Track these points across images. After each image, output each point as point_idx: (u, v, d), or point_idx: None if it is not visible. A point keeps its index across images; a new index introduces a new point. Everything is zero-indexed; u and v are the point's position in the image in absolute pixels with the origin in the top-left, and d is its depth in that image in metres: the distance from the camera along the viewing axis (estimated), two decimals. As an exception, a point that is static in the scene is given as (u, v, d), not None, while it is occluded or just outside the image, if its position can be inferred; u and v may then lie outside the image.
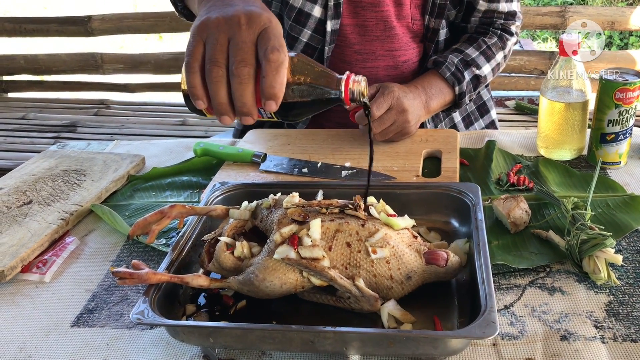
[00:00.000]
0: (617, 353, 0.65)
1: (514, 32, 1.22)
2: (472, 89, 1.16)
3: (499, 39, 1.19)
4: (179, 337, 0.65)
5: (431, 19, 1.15)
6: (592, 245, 0.75)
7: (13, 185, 1.09)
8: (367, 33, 1.16)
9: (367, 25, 1.15)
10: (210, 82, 0.61)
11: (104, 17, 2.69)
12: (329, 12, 1.12)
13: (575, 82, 0.99)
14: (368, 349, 0.63)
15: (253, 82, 0.61)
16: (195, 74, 0.62)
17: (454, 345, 0.60)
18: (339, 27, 1.14)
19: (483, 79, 1.17)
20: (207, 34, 0.63)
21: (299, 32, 1.16)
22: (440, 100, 1.13)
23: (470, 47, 1.16)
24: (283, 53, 0.61)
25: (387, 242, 0.68)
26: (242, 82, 0.60)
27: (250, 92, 0.61)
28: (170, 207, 0.78)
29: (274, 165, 1.05)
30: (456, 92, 1.14)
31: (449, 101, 1.16)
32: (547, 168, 1.01)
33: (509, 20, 1.20)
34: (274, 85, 0.60)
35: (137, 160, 1.16)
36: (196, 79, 0.62)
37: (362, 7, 1.14)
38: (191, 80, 0.62)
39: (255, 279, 0.67)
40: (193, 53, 0.62)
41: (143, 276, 0.68)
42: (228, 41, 0.62)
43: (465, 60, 1.15)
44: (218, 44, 0.61)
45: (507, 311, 0.73)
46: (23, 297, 0.82)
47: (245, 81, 0.60)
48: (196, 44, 0.63)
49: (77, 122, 2.41)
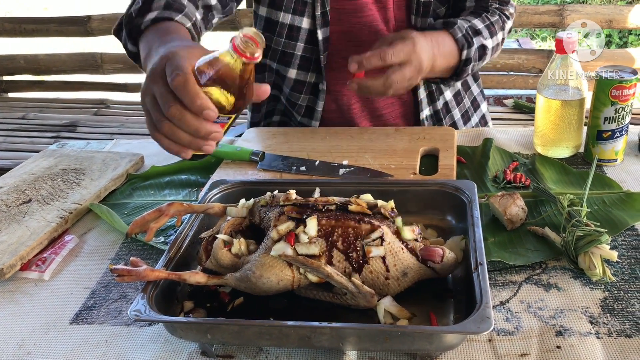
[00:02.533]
0: (611, 348, 0.66)
1: (509, 16, 1.20)
2: (477, 58, 1.11)
3: (499, 18, 1.17)
4: (177, 333, 0.66)
5: (417, 18, 1.15)
6: (587, 241, 0.76)
7: (12, 184, 1.09)
8: (353, 39, 1.16)
9: (352, 31, 1.15)
10: (169, 137, 0.69)
11: (104, 17, 2.70)
12: (317, 21, 1.13)
13: (572, 80, 1.00)
14: (364, 345, 0.64)
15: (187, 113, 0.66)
16: (163, 139, 0.70)
17: (450, 341, 0.60)
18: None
19: (488, 51, 1.13)
20: (144, 102, 0.71)
21: (293, 47, 1.17)
22: (445, 62, 1.08)
23: (476, 19, 1.13)
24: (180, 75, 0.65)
25: (384, 239, 0.69)
26: (180, 119, 0.66)
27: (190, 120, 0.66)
28: (168, 205, 0.78)
29: (272, 163, 1.06)
30: (463, 58, 1.08)
31: (452, 66, 1.10)
32: (544, 165, 1.02)
33: (503, 5, 1.18)
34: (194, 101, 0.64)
35: (135, 159, 1.16)
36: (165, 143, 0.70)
37: (347, 14, 1.14)
38: (165, 146, 0.71)
39: (252, 276, 0.68)
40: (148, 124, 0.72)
41: (141, 273, 0.68)
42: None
43: (474, 28, 1.11)
44: (153, 107, 0.69)
45: (503, 307, 0.73)
46: (22, 295, 0.83)
47: (179, 117, 0.66)
48: (146, 115, 0.72)
49: (77, 121, 2.42)
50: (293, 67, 1.19)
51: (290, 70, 1.19)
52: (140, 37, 0.90)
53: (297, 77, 1.20)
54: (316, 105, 1.21)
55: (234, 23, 2.25)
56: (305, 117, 1.24)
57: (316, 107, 1.21)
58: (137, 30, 0.90)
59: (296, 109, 1.23)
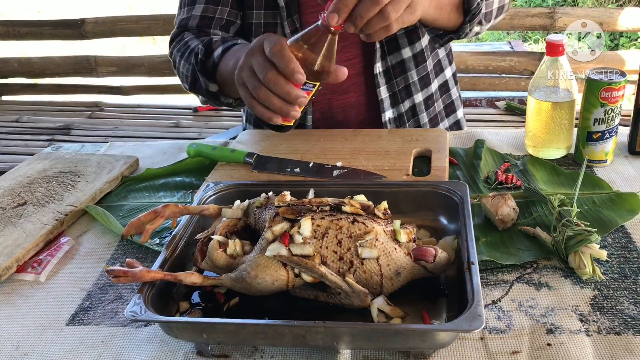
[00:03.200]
0: (601, 345, 0.67)
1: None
2: (482, 9, 1.03)
3: None
4: (172, 333, 0.67)
5: None
6: (577, 241, 0.77)
7: (7, 187, 1.09)
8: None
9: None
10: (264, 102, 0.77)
11: (97, 20, 2.70)
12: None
13: (562, 81, 1.01)
14: (358, 343, 0.65)
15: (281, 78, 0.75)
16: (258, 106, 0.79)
17: (442, 339, 0.61)
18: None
19: (493, 9, 1.07)
20: (240, 76, 0.80)
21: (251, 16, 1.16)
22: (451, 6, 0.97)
23: None
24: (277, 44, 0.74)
25: (377, 239, 0.70)
26: (275, 83, 0.74)
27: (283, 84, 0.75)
28: (163, 207, 0.79)
29: (266, 165, 1.07)
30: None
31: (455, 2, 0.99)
32: (535, 166, 1.03)
33: None
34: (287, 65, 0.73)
35: (130, 161, 1.17)
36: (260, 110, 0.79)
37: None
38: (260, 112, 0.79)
39: (247, 276, 0.68)
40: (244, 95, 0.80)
41: (137, 274, 0.69)
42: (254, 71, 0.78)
43: None
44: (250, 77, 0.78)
45: (495, 306, 0.74)
46: (18, 297, 0.83)
47: (275, 81, 0.74)
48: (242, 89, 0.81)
49: (71, 124, 2.42)
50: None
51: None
52: (216, 71, 1.01)
53: None
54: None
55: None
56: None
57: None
58: (213, 67, 1.01)
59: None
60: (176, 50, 1.14)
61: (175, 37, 1.18)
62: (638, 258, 0.80)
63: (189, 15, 1.16)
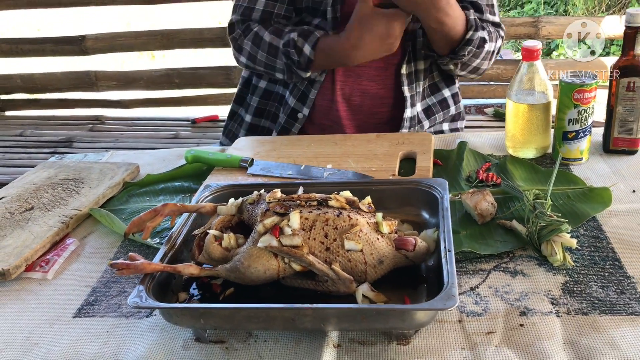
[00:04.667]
0: (569, 325, 0.72)
1: (501, 37, 1.31)
2: (476, 46, 1.21)
3: (495, 32, 1.28)
4: (172, 320, 0.72)
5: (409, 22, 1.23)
6: (549, 230, 0.83)
7: (15, 194, 1.15)
8: None
9: None
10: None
11: (98, 37, 2.78)
12: (327, 25, 1.25)
13: (538, 85, 1.07)
14: (344, 325, 0.70)
15: None
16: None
17: (420, 318, 0.67)
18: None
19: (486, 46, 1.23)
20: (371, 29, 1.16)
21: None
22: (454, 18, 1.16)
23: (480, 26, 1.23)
24: None
25: (361, 230, 0.75)
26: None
27: None
28: (162, 206, 0.85)
29: (260, 169, 1.13)
30: (467, 37, 1.18)
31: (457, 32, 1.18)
32: (514, 165, 1.09)
33: (497, 28, 1.30)
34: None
35: (132, 168, 1.23)
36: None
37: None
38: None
39: (241, 266, 0.74)
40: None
41: (139, 266, 0.74)
42: None
43: (479, 22, 1.21)
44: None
45: (473, 292, 0.80)
46: (28, 293, 0.88)
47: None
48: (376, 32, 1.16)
49: (73, 137, 2.48)
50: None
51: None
52: (312, 64, 1.22)
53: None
54: (310, 93, 1.31)
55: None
56: (299, 102, 1.33)
57: (309, 95, 1.31)
58: (308, 62, 1.22)
59: (294, 91, 1.33)
60: (246, 39, 1.29)
61: (237, 23, 1.31)
62: (607, 246, 0.86)
63: (251, 6, 1.29)
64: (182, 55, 3.85)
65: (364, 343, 0.72)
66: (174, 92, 2.95)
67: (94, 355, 0.74)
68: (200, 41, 2.71)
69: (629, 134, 1.09)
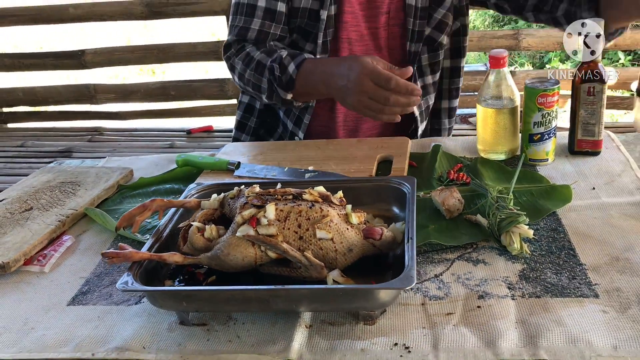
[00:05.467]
0: (522, 306, 0.79)
1: None
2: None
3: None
4: (157, 303, 0.78)
5: (411, 44, 1.33)
6: (508, 222, 0.89)
7: (15, 196, 1.22)
8: None
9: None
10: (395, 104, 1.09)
11: (97, 51, 2.87)
12: (318, 48, 1.30)
13: (505, 91, 1.15)
14: (314, 305, 0.76)
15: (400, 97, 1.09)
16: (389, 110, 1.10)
17: (382, 297, 0.73)
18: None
19: None
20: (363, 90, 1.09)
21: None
22: None
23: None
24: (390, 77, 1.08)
25: (332, 220, 0.82)
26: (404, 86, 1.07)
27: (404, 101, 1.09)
28: (151, 201, 0.92)
29: (246, 171, 1.20)
30: None
31: None
32: (484, 166, 1.16)
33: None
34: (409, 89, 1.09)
35: (125, 172, 1.30)
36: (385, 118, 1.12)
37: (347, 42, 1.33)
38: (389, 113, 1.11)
39: (221, 254, 0.80)
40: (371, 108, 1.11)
41: (127, 254, 0.81)
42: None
43: None
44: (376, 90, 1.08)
45: (437, 279, 0.86)
46: (26, 285, 0.95)
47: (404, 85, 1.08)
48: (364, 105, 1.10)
49: (72, 147, 2.56)
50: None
51: None
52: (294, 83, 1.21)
53: None
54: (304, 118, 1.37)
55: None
56: (296, 126, 1.39)
57: (304, 120, 1.37)
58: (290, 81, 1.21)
59: (290, 115, 1.40)
60: (237, 58, 1.30)
61: (233, 43, 1.32)
62: (564, 238, 0.93)
63: (247, 27, 1.30)
64: (180, 69, 3.95)
65: (333, 324, 0.78)
66: (169, 104, 3.04)
67: (86, 337, 0.80)
68: (195, 55, 2.79)
69: (591, 136, 1.16)
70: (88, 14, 2.77)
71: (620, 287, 0.80)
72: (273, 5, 1.28)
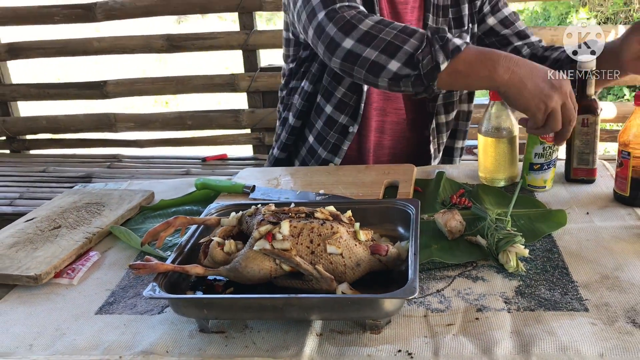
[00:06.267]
0: (517, 319, 0.85)
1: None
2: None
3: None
4: (180, 310, 0.85)
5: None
6: (505, 242, 0.96)
7: (44, 215, 1.31)
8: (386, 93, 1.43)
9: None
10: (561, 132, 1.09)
11: (118, 82, 3.00)
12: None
13: (504, 121, 1.23)
14: (324, 314, 0.83)
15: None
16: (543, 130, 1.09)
17: (387, 307, 0.80)
18: None
19: None
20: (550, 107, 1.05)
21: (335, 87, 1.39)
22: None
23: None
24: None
25: (341, 237, 0.89)
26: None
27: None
28: (174, 218, 1.00)
29: (261, 194, 1.27)
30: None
31: None
32: (485, 192, 1.23)
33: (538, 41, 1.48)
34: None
35: (147, 194, 1.38)
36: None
37: None
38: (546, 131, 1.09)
39: (239, 266, 0.88)
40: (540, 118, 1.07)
41: (153, 266, 0.88)
42: None
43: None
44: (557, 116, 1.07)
45: (439, 294, 0.92)
46: (56, 296, 1.02)
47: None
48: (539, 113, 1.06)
49: (92, 174, 2.66)
50: (331, 105, 1.41)
51: (327, 106, 1.42)
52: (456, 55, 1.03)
53: (332, 115, 1.43)
54: (343, 144, 1.44)
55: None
56: (330, 154, 1.46)
57: (342, 146, 1.44)
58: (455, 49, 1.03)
59: (324, 144, 1.46)
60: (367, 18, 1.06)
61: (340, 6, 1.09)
62: (558, 258, 0.99)
63: None
64: (193, 99, 4.08)
65: (342, 332, 0.84)
66: (186, 133, 3.15)
67: (113, 342, 0.87)
68: (211, 86, 2.91)
69: (586, 165, 1.23)
70: (111, 47, 2.91)
71: (609, 302, 0.86)
72: None
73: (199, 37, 2.76)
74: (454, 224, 1.06)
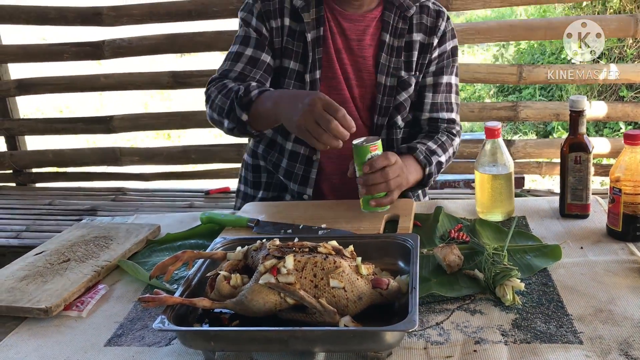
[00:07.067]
0: (514, 351, 0.88)
1: (456, 134, 1.54)
2: (436, 171, 1.45)
3: (447, 137, 1.51)
4: (187, 342, 0.88)
5: (379, 118, 1.48)
6: (502, 276, 0.99)
7: (53, 249, 1.34)
8: None
9: None
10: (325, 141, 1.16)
11: (124, 117, 3.07)
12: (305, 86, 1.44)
13: (499, 158, 1.27)
14: (327, 346, 0.86)
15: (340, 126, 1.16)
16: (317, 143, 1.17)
17: (388, 339, 0.83)
18: None
19: (443, 164, 1.48)
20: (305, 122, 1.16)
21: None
22: (415, 177, 1.40)
23: (430, 141, 1.47)
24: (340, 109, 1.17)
25: (344, 271, 0.93)
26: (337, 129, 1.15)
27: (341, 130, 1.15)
28: (182, 253, 1.03)
29: (264, 228, 1.31)
30: (426, 173, 1.42)
31: (419, 180, 1.43)
32: (482, 227, 1.27)
33: (450, 124, 1.53)
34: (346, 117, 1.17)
35: (154, 228, 1.42)
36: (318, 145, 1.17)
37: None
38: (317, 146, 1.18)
39: (245, 300, 0.91)
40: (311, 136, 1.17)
41: (162, 299, 0.92)
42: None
43: (429, 149, 1.45)
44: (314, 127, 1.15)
45: (438, 326, 0.95)
46: (66, 328, 1.05)
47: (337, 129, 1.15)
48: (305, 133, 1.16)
49: (97, 206, 2.70)
50: (289, 140, 1.51)
51: (287, 143, 1.51)
52: (252, 105, 1.31)
53: (293, 149, 1.50)
54: (310, 173, 1.49)
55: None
56: (301, 186, 1.51)
57: (310, 175, 1.49)
58: (249, 102, 1.31)
59: (293, 177, 1.51)
60: (214, 87, 1.42)
61: (215, 79, 1.46)
62: (554, 291, 1.02)
63: (230, 69, 1.45)
64: (195, 134, 4.15)
65: (344, 364, 0.87)
66: (190, 167, 3.20)
67: (122, 373, 0.90)
68: (216, 121, 2.98)
69: (580, 200, 1.28)
70: (118, 83, 2.99)
71: (603, 335, 0.89)
72: (258, 54, 1.44)
73: (203, 74, 2.84)
74: (453, 258, 1.10)
